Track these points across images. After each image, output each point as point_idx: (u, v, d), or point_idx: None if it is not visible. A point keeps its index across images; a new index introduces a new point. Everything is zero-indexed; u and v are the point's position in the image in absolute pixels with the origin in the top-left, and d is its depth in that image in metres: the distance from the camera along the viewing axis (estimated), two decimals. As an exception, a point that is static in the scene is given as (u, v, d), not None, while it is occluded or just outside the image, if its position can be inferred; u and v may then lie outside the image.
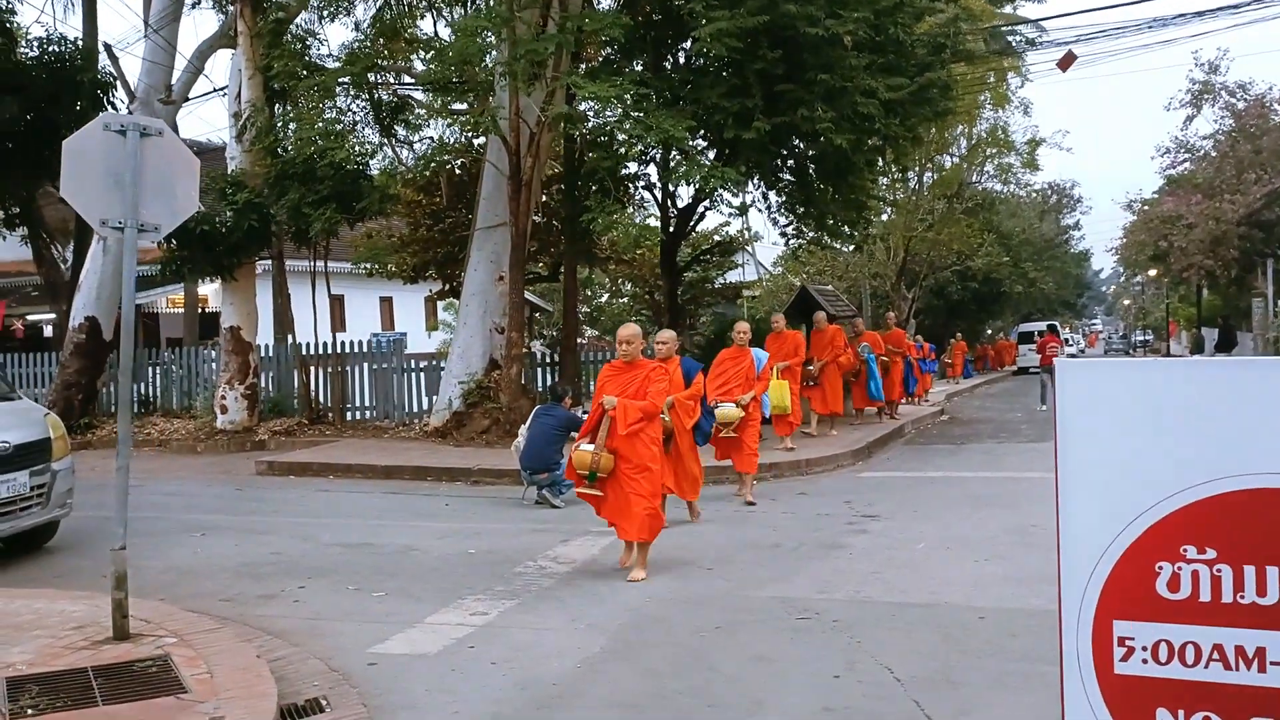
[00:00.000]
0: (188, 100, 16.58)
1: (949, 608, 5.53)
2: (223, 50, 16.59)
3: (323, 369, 15.89)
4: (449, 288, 18.51)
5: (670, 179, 14.52)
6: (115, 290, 14.73)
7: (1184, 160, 33.66)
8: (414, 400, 15.83)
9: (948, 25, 14.94)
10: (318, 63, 14.70)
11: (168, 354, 17.74)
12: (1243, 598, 2.19)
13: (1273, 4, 18.71)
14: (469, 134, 15.23)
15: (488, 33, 12.13)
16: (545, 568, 6.76)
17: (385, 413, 15.90)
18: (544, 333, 26.35)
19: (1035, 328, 36.74)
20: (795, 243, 17.67)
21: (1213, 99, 31.09)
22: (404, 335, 25.65)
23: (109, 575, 4.87)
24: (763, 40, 11.76)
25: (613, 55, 14.26)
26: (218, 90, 18.14)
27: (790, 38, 11.88)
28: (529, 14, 12.19)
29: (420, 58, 15.46)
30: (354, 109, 14.78)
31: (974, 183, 31.05)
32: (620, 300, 28.95)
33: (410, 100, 15.20)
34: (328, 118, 14.23)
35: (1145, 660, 2.27)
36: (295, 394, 16.01)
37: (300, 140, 13.73)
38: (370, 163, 14.68)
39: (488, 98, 13.09)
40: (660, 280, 18.48)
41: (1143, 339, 65.69)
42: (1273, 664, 2.17)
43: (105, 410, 16.11)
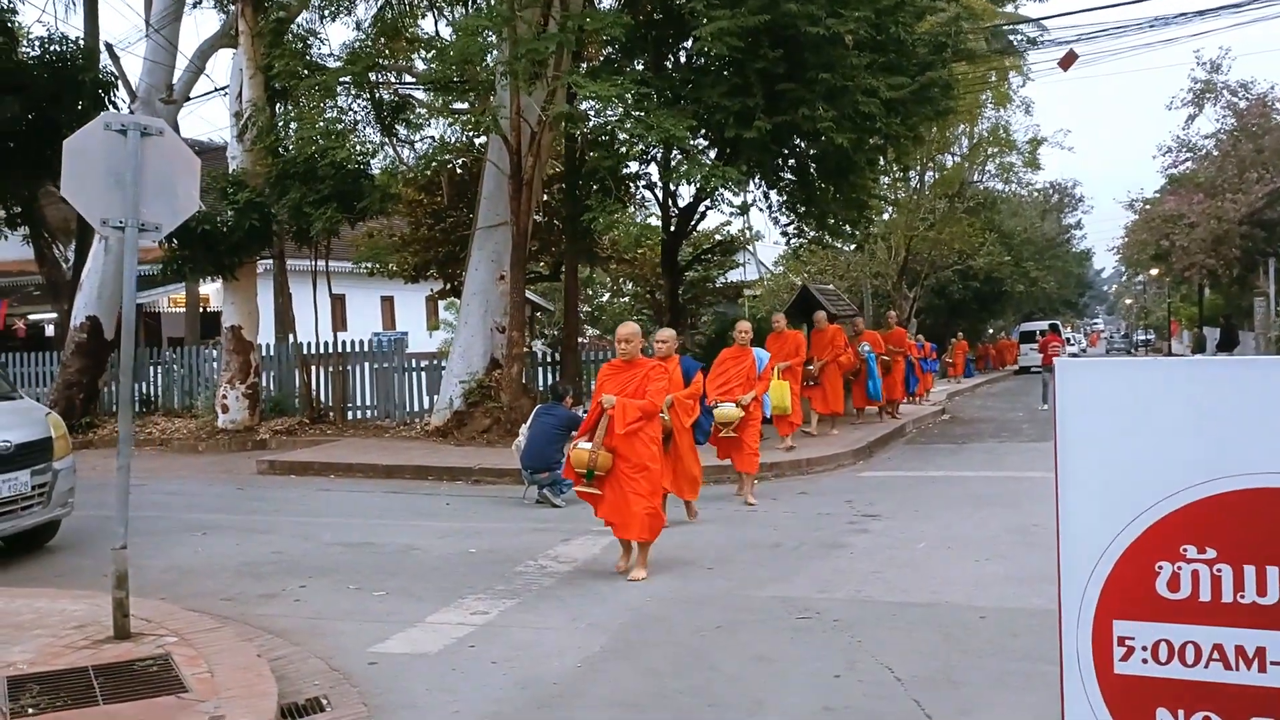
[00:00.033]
0: (189, 100, 16.61)
1: (950, 607, 5.53)
2: (224, 50, 16.60)
3: (324, 368, 15.90)
4: (450, 287, 18.52)
5: (671, 178, 14.51)
6: (117, 290, 14.73)
7: (1186, 159, 33.61)
8: (415, 399, 15.84)
9: (949, 24, 14.93)
10: (319, 62, 14.71)
11: (169, 353, 17.75)
12: (1243, 597, 2.19)
13: (1274, 3, 18.70)
14: (470, 133, 15.24)
15: (489, 32, 12.12)
16: (546, 567, 6.76)
17: (386, 412, 15.91)
18: (545, 332, 26.36)
19: (1037, 327, 36.74)
20: (796, 242, 17.65)
21: (1214, 98, 31.04)
22: (405, 334, 25.65)
23: (110, 574, 4.87)
24: (764, 39, 11.76)
25: (614, 54, 14.26)
26: (219, 90, 18.16)
27: (791, 37, 11.87)
28: (530, 13, 12.19)
29: (421, 57, 15.47)
30: (355, 108, 14.80)
31: (975, 182, 31.04)
32: (621, 300, 28.96)
33: (411, 99, 15.20)
34: (329, 117, 14.24)
35: (1145, 660, 2.27)
36: (296, 393, 16.02)
37: (301, 140, 13.74)
38: (371, 162, 14.69)
39: (489, 97, 13.09)
40: (661, 279, 18.47)
41: (1144, 338, 65.66)
42: (1273, 664, 2.17)
43: (107, 409, 16.11)
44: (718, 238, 22.03)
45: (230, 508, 9.58)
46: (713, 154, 13.88)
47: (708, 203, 15.82)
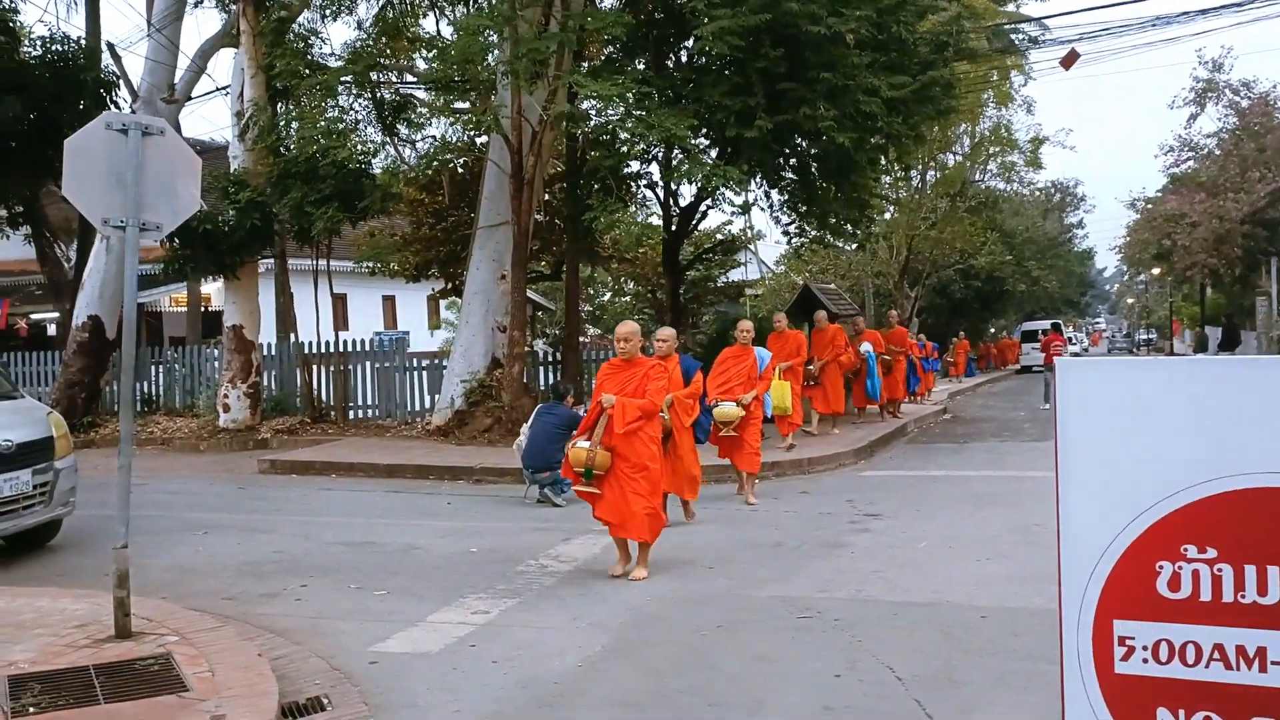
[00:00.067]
0: (190, 99, 16.60)
1: (951, 607, 5.52)
2: (225, 49, 16.61)
3: (325, 368, 15.90)
4: (451, 286, 18.52)
5: (672, 177, 14.50)
6: (118, 289, 14.74)
7: (1188, 158, 33.59)
8: (416, 399, 15.84)
9: (950, 23, 14.92)
10: (320, 62, 14.71)
11: (171, 353, 17.76)
12: (1243, 597, 2.19)
13: (1276, 2, 18.67)
14: (471, 133, 15.23)
15: (490, 31, 12.13)
16: (547, 566, 6.76)
17: (387, 411, 15.91)
18: (546, 331, 26.34)
19: (1038, 326, 36.70)
20: (798, 241, 17.65)
21: (1216, 97, 31.00)
22: (406, 334, 25.67)
23: (111, 574, 4.88)
24: (765, 39, 11.75)
25: (615, 54, 14.25)
26: (220, 89, 18.17)
27: (792, 36, 11.87)
28: (531, 13, 12.19)
29: (422, 56, 15.49)
30: (356, 108, 14.81)
31: (977, 181, 31.02)
32: (623, 299, 28.94)
33: (412, 99, 15.20)
34: (330, 116, 14.25)
35: (1146, 660, 2.27)
36: (298, 393, 16.03)
37: (303, 139, 13.75)
38: (372, 161, 14.71)
39: (490, 96, 13.09)
40: (663, 279, 18.46)
41: (1146, 337, 65.63)
42: (1273, 664, 2.16)
43: (108, 409, 16.12)
44: (719, 237, 22.02)
45: (231, 507, 9.58)
46: (714, 153, 13.87)
47: (709, 202, 15.83)
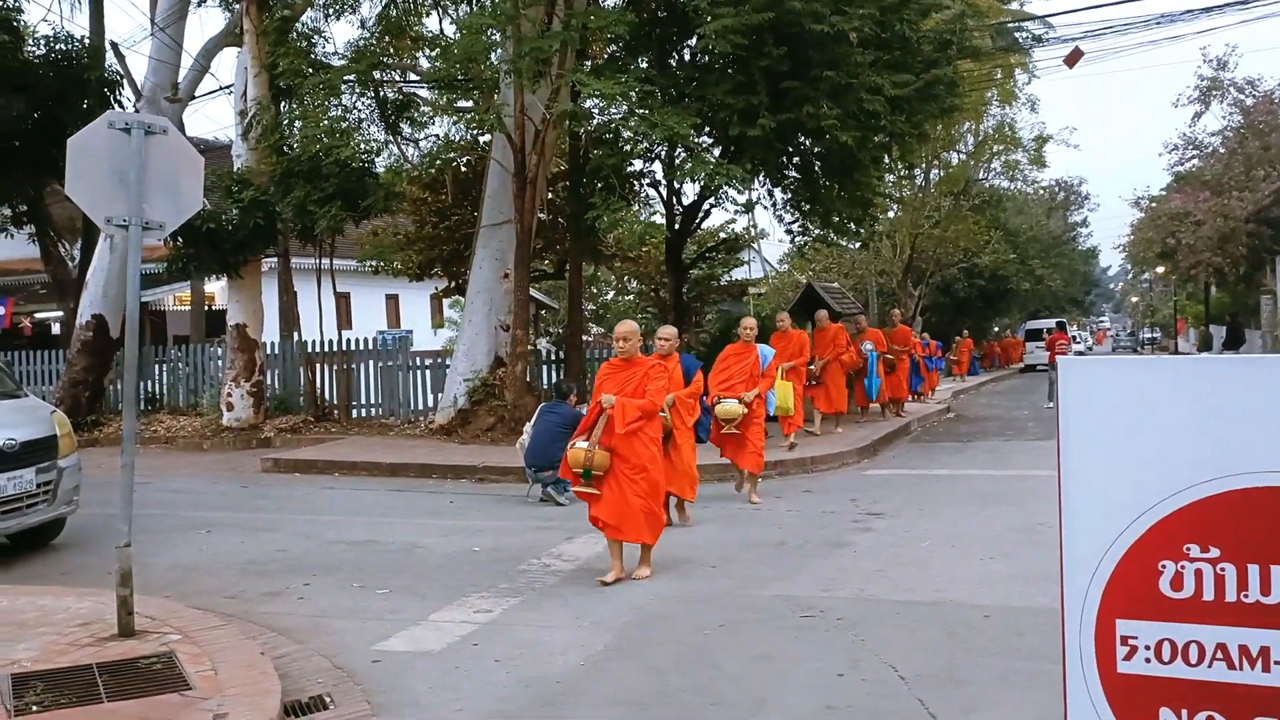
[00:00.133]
0: (194, 98, 16.62)
1: (954, 606, 5.51)
2: (229, 48, 16.62)
3: (328, 366, 15.92)
4: (454, 285, 18.52)
5: (675, 176, 14.49)
6: (122, 288, 14.75)
7: (1192, 157, 33.48)
8: (419, 398, 15.85)
9: (954, 21, 14.89)
10: (323, 60, 14.72)
11: (174, 351, 17.77)
12: (1246, 597, 2.18)
13: (1281, 0, 18.61)
14: (474, 131, 15.24)
15: (493, 30, 12.13)
16: (549, 565, 6.76)
17: (391, 410, 15.92)
18: (549, 330, 26.33)
19: (1042, 325, 36.64)
20: (801, 240, 17.63)
21: (1221, 95, 30.90)
22: (410, 333, 25.72)
23: (114, 572, 4.89)
24: (768, 37, 11.73)
25: (618, 52, 14.24)
26: (224, 88, 18.18)
27: (795, 34, 11.85)
28: (534, 11, 12.18)
29: (425, 55, 15.47)
30: (359, 107, 14.83)
31: (981, 180, 30.96)
32: (626, 298, 28.92)
33: (415, 98, 15.21)
34: (333, 115, 14.26)
35: (1148, 659, 2.26)
36: (301, 391, 16.04)
37: (306, 138, 13.76)
38: (376, 160, 14.70)
39: (493, 95, 13.09)
40: (666, 278, 18.45)
41: (1150, 336, 65.51)
42: (1276, 663, 2.16)
43: (112, 408, 16.14)
44: (722, 236, 21.97)
45: (234, 506, 9.60)
46: (717, 152, 13.85)
47: (712, 201, 15.80)
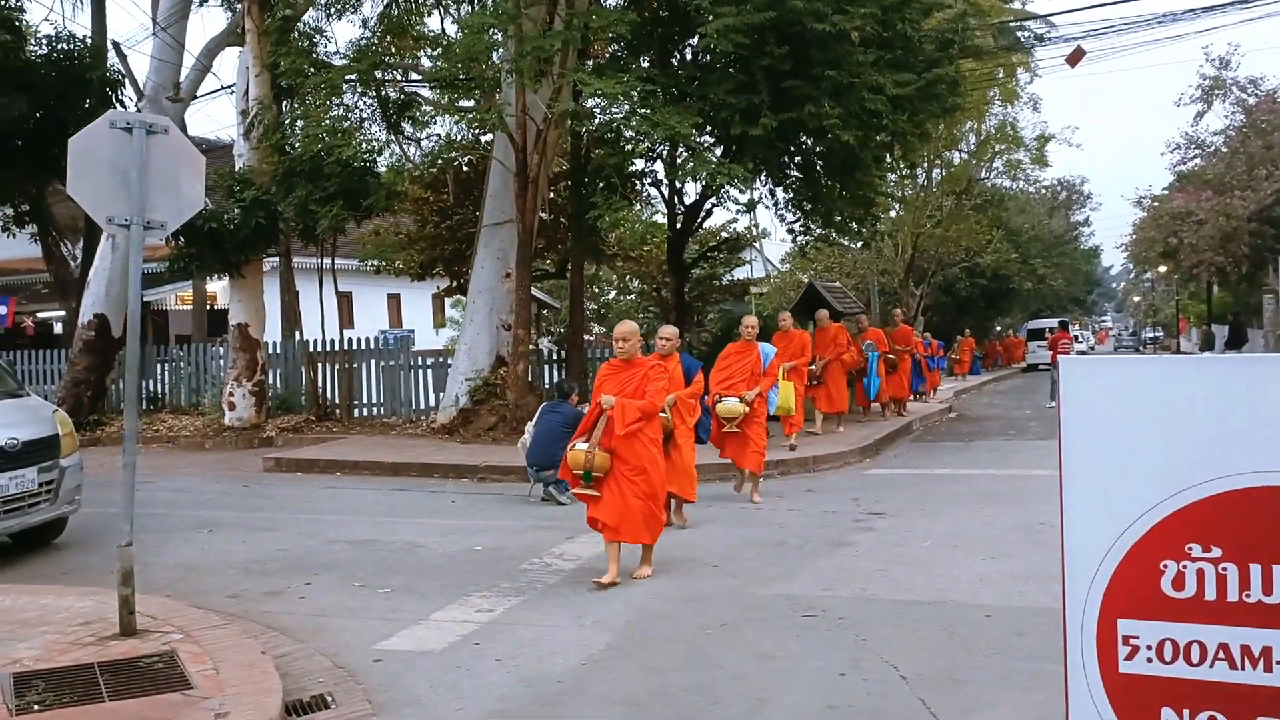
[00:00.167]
0: (196, 98, 16.63)
1: (955, 605, 5.51)
2: (231, 48, 16.63)
3: (330, 366, 15.92)
4: (456, 285, 18.53)
5: (677, 176, 14.47)
6: (124, 287, 14.74)
7: (1194, 156, 33.44)
8: (421, 397, 15.85)
9: (956, 21, 14.87)
10: (325, 60, 14.71)
11: (176, 351, 17.78)
12: (1248, 596, 2.17)
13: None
14: (476, 131, 15.23)
15: (494, 30, 12.12)
16: (551, 565, 6.76)
17: (392, 409, 15.92)
18: (551, 330, 26.33)
19: (1044, 324, 36.61)
20: (803, 239, 17.62)
21: (1223, 94, 30.87)
22: (411, 332, 25.71)
23: (116, 571, 4.89)
24: (770, 36, 11.72)
25: (619, 52, 14.24)
26: (226, 88, 18.20)
27: (797, 34, 11.84)
28: (535, 11, 12.18)
29: (427, 55, 15.48)
30: (361, 106, 14.81)
31: (983, 179, 30.94)
32: (627, 297, 28.92)
33: (417, 97, 15.20)
34: (335, 115, 14.26)
35: (1150, 659, 2.26)
36: (303, 391, 16.05)
37: (307, 137, 13.76)
38: (377, 160, 14.70)
39: (494, 95, 13.09)
40: (667, 277, 18.44)
41: (1153, 335, 65.38)
42: (1278, 663, 2.15)
43: (114, 407, 16.15)
44: (724, 235, 21.96)
45: (236, 505, 9.60)
46: (719, 151, 13.84)
47: (714, 200, 15.80)
